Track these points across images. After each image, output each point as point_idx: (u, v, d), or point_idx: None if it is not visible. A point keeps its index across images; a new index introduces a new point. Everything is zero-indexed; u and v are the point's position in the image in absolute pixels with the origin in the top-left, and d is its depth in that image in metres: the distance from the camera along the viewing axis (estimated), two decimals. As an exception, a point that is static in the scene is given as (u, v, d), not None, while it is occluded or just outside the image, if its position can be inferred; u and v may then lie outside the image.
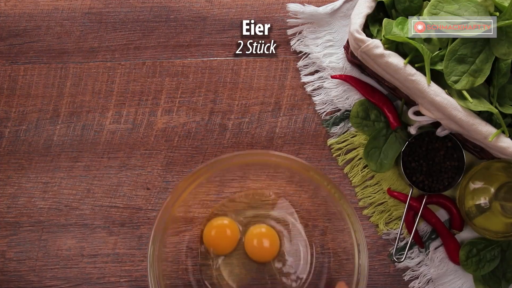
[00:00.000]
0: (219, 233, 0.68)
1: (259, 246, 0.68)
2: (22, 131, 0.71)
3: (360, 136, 0.71)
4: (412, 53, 0.60)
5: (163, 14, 0.72)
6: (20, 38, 0.72)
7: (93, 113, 0.72)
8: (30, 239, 0.70)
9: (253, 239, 0.68)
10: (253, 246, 0.68)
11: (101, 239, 0.70)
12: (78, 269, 0.70)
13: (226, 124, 0.71)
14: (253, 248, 0.68)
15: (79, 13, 0.72)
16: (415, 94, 0.62)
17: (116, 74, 0.72)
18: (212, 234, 0.68)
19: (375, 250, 0.71)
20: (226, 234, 0.68)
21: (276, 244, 0.68)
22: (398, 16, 0.62)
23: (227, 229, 0.68)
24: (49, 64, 0.72)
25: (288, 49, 0.72)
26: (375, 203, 0.71)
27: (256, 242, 0.68)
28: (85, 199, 0.71)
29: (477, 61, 0.58)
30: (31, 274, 0.70)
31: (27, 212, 0.70)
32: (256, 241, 0.68)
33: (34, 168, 0.71)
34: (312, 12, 0.71)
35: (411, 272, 0.70)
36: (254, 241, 0.68)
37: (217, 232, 0.68)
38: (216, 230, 0.68)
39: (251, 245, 0.68)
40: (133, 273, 0.70)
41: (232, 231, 0.68)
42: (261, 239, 0.68)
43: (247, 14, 0.72)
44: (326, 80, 0.72)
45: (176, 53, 0.72)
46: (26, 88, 0.72)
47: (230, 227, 0.68)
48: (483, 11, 0.58)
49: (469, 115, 0.59)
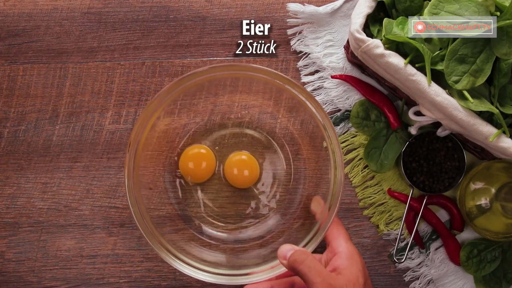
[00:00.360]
0: (195, 163, 0.69)
1: (239, 174, 0.69)
2: (21, 131, 0.71)
3: (360, 136, 0.71)
4: (413, 53, 0.60)
5: (162, 14, 0.72)
6: (19, 38, 0.72)
7: (93, 113, 0.71)
8: (29, 240, 0.70)
9: (233, 167, 0.69)
10: (233, 175, 0.69)
11: (100, 239, 0.70)
12: (77, 270, 0.70)
13: (226, 124, 0.71)
14: (233, 176, 0.69)
15: (78, 13, 0.72)
16: (415, 94, 0.62)
17: (115, 74, 0.72)
18: (188, 165, 0.68)
19: (376, 250, 0.71)
20: (201, 164, 0.69)
21: (256, 171, 0.69)
22: (399, 16, 0.62)
23: (203, 159, 0.69)
24: (48, 64, 0.72)
25: (288, 49, 0.72)
26: (375, 203, 0.71)
27: (237, 171, 0.69)
28: (85, 199, 0.71)
29: (477, 61, 0.58)
30: (30, 274, 0.70)
31: (26, 213, 0.70)
32: (236, 170, 0.69)
33: (33, 169, 0.71)
34: (312, 12, 0.71)
35: (412, 272, 0.70)
36: (234, 170, 0.69)
37: (193, 162, 0.69)
38: (192, 161, 0.69)
39: (231, 174, 0.69)
40: (132, 273, 0.70)
41: (208, 160, 0.69)
42: (242, 167, 0.69)
43: (247, 14, 0.72)
44: (326, 80, 0.72)
45: (176, 53, 0.72)
46: (25, 88, 0.72)
47: (205, 156, 0.69)
48: (484, 11, 0.58)
49: (469, 115, 0.59)
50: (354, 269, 0.57)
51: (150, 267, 0.70)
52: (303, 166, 0.70)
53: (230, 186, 0.70)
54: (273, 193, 0.70)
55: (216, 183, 0.70)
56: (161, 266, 0.70)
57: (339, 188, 0.60)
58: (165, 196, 0.69)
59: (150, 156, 0.68)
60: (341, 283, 0.54)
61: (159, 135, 0.68)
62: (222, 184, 0.70)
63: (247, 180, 0.69)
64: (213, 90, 0.70)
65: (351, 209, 0.71)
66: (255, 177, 0.70)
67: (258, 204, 0.70)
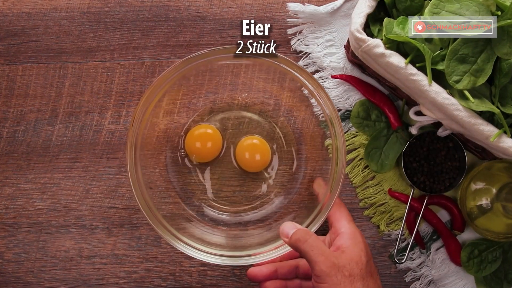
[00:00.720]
0: (201, 143, 0.69)
1: (251, 159, 0.69)
2: (20, 131, 0.71)
3: (360, 136, 0.71)
4: (413, 53, 0.60)
5: (162, 13, 0.72)
6: (18, 37, 0.72)
7: (92, 113, 0.71)
8: (28, 240, 0.70)
9: (245, 151, 0.69)
10: (245, 159, 0.69)
11: (100, 240, 0.70)
12: (77, 271, 0.70)
13: (226, 124, 0.71)
14: (245, 161, 0.69)
15: (77, 12, 0.72)
16: (416, 94, 0.62)
17: (115, 74, 0.72)
18: (195, 145, 0.69)
19: (376, 251, 0.71)
20: (208, 144, 0.69)
21: (267, 155, 0.69)
22: (399, 15, 0.62)
23: (209, 139, 0.69)
24: (48, 64, 0.72)
25: (288, 49, 0.72)
26: (376, 203, 0.71)
27: (248, 155, 0.69)
28: (84, 199, 0.71)
29: (478, 61, 0.58)
30: (30, 275, 0.70)
31: (26, 213, 0.70)
32: (248, 154, 0.69)
33: (32, 169, 0.71)
34: (312, 12, 0.71)
35: (412, 273, 0.70)
36: (246, 154, 0.69)
37: (200, 142, 0.69)
38: (198, 140, 0.69)
39: (242, 158, 0.69)
40: (132, 274, 0.70)
41: (214, 140, 0.69)
42: (254, 152, 0.69)
43: (247, 14, 0.72)
44: (327, 80, 0.72)
45: (176, 52, 0.72)
46: (24, 88, 0.72)
47: (212, 136, 0.69)
48: (485, 10, 0.58)
49: (470, 115, 0.59)
50: (357, 248, 0.57)
51: (150, 267, 0.70)
52: (305, 151, 0.71)
53: (236, 169, 0.70)
54: (278, 177, 0.70)
55: (222, 166, 0.71)
56: (161, 267, 0.70)
57: (341, 169, 0.61)
58: (166, 175, 0.70)
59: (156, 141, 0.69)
60: (344, 261, 0.55)
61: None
62: (229, 168, 0.71)
63: (259, 164, 0.70)
64: (212, 88, 0.70)
65: (351, 209, 0.71)
66: (267, 161, 0.70)
67: (266, 187, 0.70)
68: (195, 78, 0.70)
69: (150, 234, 0.70)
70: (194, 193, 0.70)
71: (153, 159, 0.69)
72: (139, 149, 0.63)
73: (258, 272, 0.63)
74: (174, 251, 0.70)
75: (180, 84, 0.68)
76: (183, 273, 0.70)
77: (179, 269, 0.70)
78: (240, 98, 0.71)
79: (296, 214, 0.67)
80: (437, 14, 0.58)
